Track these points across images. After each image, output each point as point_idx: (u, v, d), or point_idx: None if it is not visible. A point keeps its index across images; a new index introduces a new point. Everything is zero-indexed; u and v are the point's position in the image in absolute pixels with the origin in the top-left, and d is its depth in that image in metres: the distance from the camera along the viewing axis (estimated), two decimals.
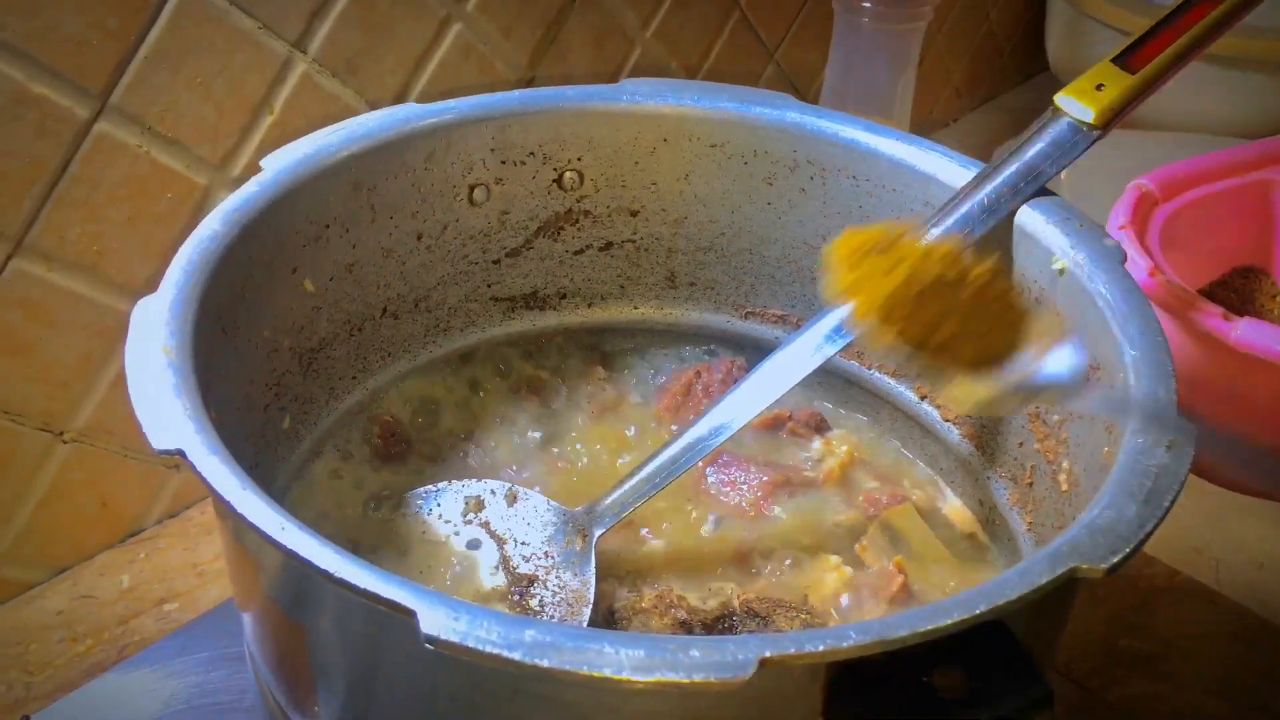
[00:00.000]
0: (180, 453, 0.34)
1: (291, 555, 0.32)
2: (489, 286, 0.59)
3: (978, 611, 0.31)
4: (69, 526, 0.65)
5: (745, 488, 0.54)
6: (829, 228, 0.57)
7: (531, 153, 0.56)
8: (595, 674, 0.29)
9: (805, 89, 0.98)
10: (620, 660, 0.29)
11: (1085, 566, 0.32)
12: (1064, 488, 0.46)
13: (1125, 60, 0.48)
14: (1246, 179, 0.78)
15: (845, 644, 0.29)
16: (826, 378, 0.60)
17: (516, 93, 0.55)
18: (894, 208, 0.54)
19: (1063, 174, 0.96)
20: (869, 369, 0.59)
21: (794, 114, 0.55)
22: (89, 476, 0.65)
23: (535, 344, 0.62)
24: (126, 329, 0.61)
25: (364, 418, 0.56)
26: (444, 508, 0.51)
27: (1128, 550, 0.33)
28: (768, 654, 0.29)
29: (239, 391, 0.46)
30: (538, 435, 0.58)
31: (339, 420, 0.55)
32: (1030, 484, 0.50)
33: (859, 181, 0.55)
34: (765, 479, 0.54)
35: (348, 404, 0.55)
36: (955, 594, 0.32)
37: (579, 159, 0.57)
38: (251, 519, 0.32)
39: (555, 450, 0.57)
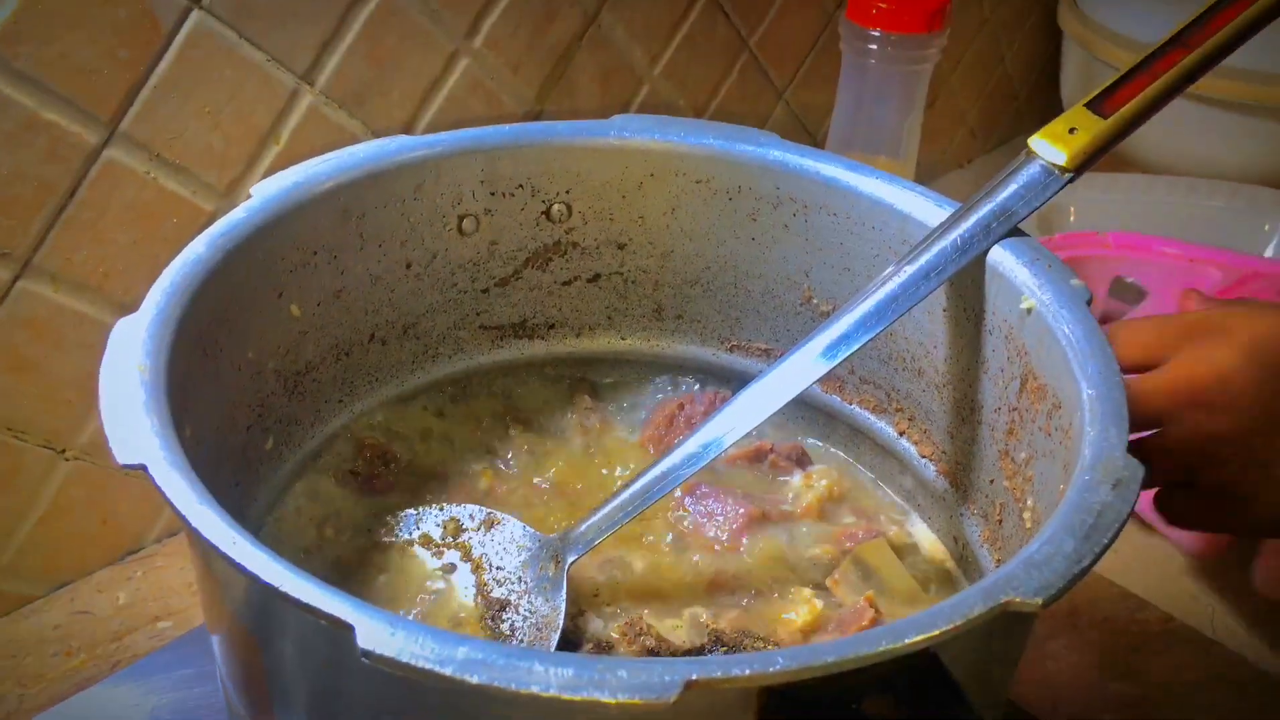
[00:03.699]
0: (143, 467, 0.35)
1: (240, 570, 0.33)
2: (477, 315, 0.60)
3: (907, 641, 0.31)
4: (69, 543, 0.67)
5: (722, 519, 0.55)
6: (811, 263, 0.58)
7: (520, 185, 0.57)
8: (523, 691, 0.30)
9: (814, 129, 1.00)
10: (548, 678, 0.30)
11: (1018, 600, 0.33)
12: (1028, 525, 0.46)
13: (1099, 104, 0.49)
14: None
15: (772, 669, 0.30)
16: (808, 411, 0.61)
17: (507, 126, 0.57)
18: (874, 244, 0.55)
19: (1071, 213, 0.98)
20: (850, 404, 0.60)
21: (777, 151, 0.56)
22: (89, 494, 0.67)
23: (523, 373, 0.63)
24: None
25: (349, 441, 0.57)
26: (423, 530, 0.52)
27: (1062, 585, 0.33)
28: (694, 677, 0.30)
29: (220, 411, 0.47)
30: (522, 463, 0.59)
31: (323, 443, 0.56)
32: (1000, 521, 0.50)
33: (839, 218, 0.56)
34: (743, 511, 0.55)
35: (333, 426, 0.57)
36: None
37: (568, 192, 0.58)
38: (205, 533, 0.33)
39: (538, 479, 0.58)
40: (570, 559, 0.50)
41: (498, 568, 0.50)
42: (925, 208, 0.53)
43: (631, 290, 0.62)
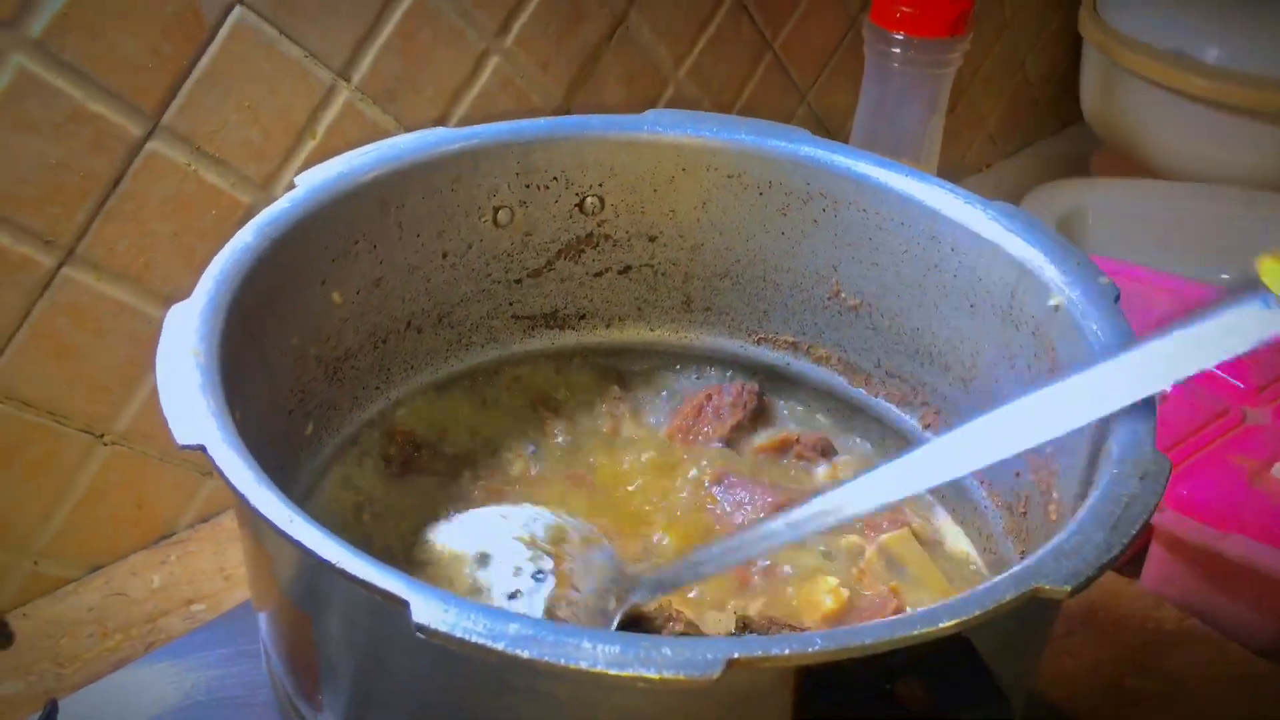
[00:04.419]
0: (201, 448, 0.37)
1: (298, 546, 0.34)
2: (510, 305, 0.62)
3: (940, 625, 0.32)
4: (105, 526, 0.68)
5: (750, 508, 0.56)
6: (839, 258, 0.59)
7: (555, 177, 0.58)
8: (571, 666, 0.31)
9: (836, 131, 1.00)
10: (596, 654, 0.31)
11: (1048, 587, 0.34)
12: (1053, 518, 0.47)
13: None
14: None
15: (811, 649, 0.31)
16: (833, 403, 0.62)
17: (543, 120, 0.58)
18: (902, 240, 0.56)
19: (1089, 217, 0.98)
20: (875, 396, 0.61)
21: (808, 148, 0.57)
22: (126, 479, 0.68)
23: (554, 362, 0.64)
24: None
25: (384, 427, 0.58)
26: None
27: (1090, 574, 0.34)
28: (736, 655, 0.31)
29: (264, 395, 0.49)
30: (553, 451, 0.60)
31: (360, 429, 0.57)
32: (1024, 513, 0.51)
33: (869, 214, 0.57)
34: (770, 500, 0.56)
35: (369, 413, 0.58)
36: None
37: (601, 185, 0.59)
38: (264, 511, 0.34)
39: (569, 468, 0.59)
40: (633, 600, 0.48)
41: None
42: (954, 204, 0.54)
43: (661, 282, 0.63)
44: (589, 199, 0.59)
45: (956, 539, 0.56)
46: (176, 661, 0.60)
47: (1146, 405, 0.41)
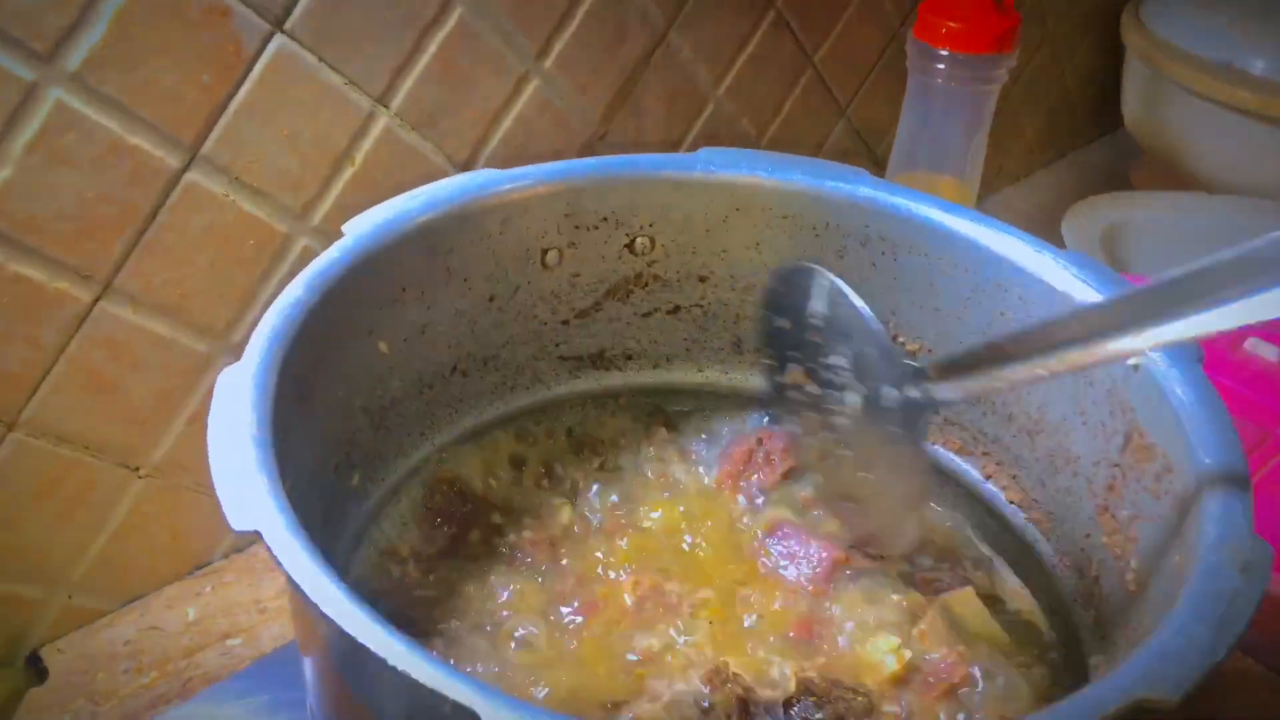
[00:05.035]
0: (258, 534, 0.35)
1: (364, 650, 0.32)
2: (557, 346, 0.60)
3: None
4: (140, 558, 0.67)
5: (805, 563, 0.54)
6: (898, 302, 0.57)
7: (605, 218, 0.57)
8: None
9: (875, 145, 0.99)
10: None
11: (1154, 698, 0.32)
12: (1131, 587, 0.46)
13: None
14: None
15: None
16: None
17: (591, 160, 0.56)
18: (966, 286, 0.54)
19: (1131, 232, 0.96)
20: (932, 443, 0.59)
21: (867, 189, 0.55)
22: (160, 510, 0.67)
23: (600, 403, 0.62)
24: (205, 368, 0.64)
25: (429, 475, 0.57)
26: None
27: (1197, 679, 0.33)
28: None
29: (312, 454, 0.47)
30: (601, 499, 0.59)
31: (405, 476, 0.56)
32: (1096, 578, 0.50)
33: (931, 259, 0.55)
34: (826, 555, 0.54)
35: (415, 459, 0.56)
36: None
37: (651, 225, 0.58)
38: (328, 611, 0.33)
39: (616, 517, 0.58)
40: None
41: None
42: (1023, 252, 0.52)
43: (711, 323, 0.61)
44: (639, 239, 0.58)
45: (1019, 599, 0.54)
46: (217, 707, 0.59)
47: (1241, 480, 0.40)
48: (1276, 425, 0.69)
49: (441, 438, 0.58)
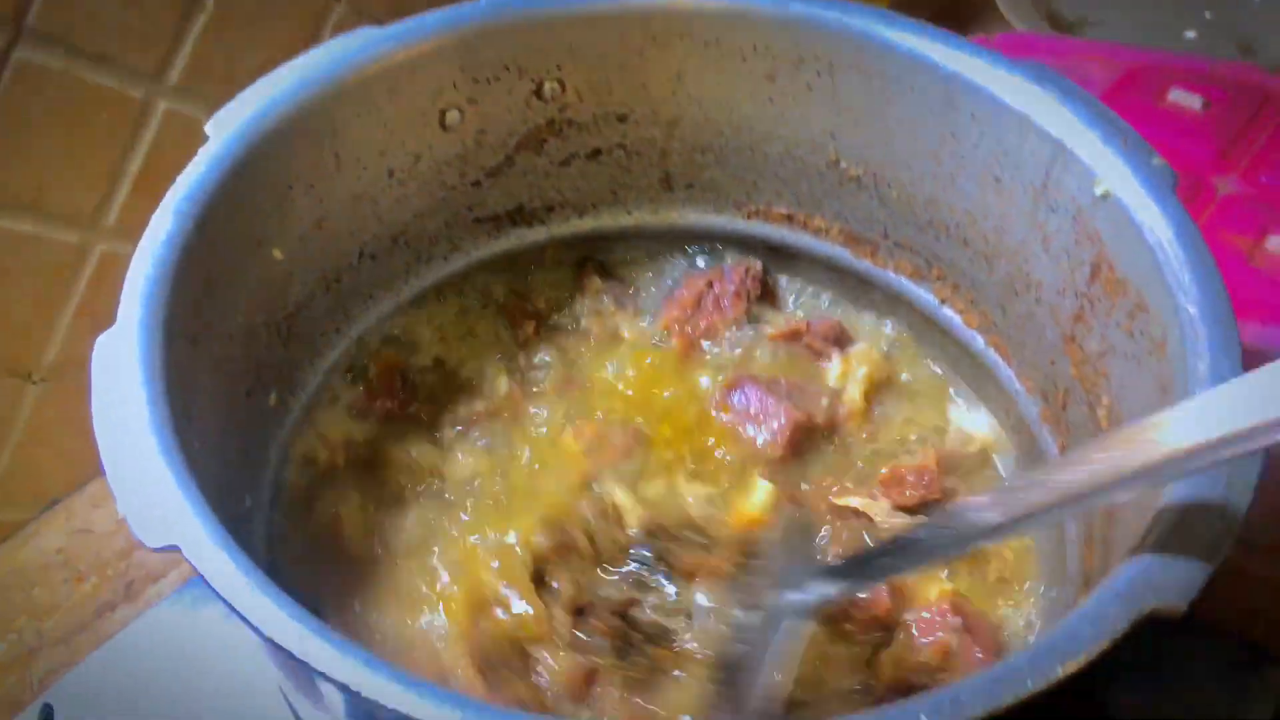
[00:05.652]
0: (175, 549, 0.31)
1: (305, 666, 0.29)
2: (470, 210, 0.55)
3: (1057, 676, 0.29)
4: (51, 463, 0.63)
5: (765, 426, 0.51)
6: (838, 125, 0.52)
7: (506, 67, 0.50)
8: None
9: None
10: None
11: (1164, 606, 0.30)
12: (1103, 424, 0.44)
13: None
14: None
15: None
16: (839, 278, 0.57)
17: (483, 3, 0.49)
18: (912, 106, 0.49)
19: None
20: (883, 268, 0.55)
21: (798, 5, 0.49)
22: (63, 413, 0.63)
23: (526, 261, 0.57)
24: (82, 259, 0.58)
25: (355, 369, 0.53)
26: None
27: (1204, 580, 0.31)
28: None
29: (220, 393, 0.43)
30: (538, 361, 0.55)
31: (325, 377, 0.52)
32: (1064, 406, 0.48)
33: (872, 78, 0.49)
34: (784, 422, 0.51)
35: (331, 358, 0.52)
36: None
37: (559, 67, 0.51)
38: (268, 632, 0.30)
39: (561, 375, 0.54)
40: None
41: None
42: (974, 66, 0.47)
43: (636, 163, 0.56)
44: (547, 84, 0.51)
45: (987, 431, 0.53)
46: (193, 610, 0.56)
47: (1226, 332, 0.37)
48: (1204, 173, 0.66)
49: (359, 328, 0.53)
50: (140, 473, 0.33)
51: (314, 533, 0.47)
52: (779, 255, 0.57)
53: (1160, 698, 0.46)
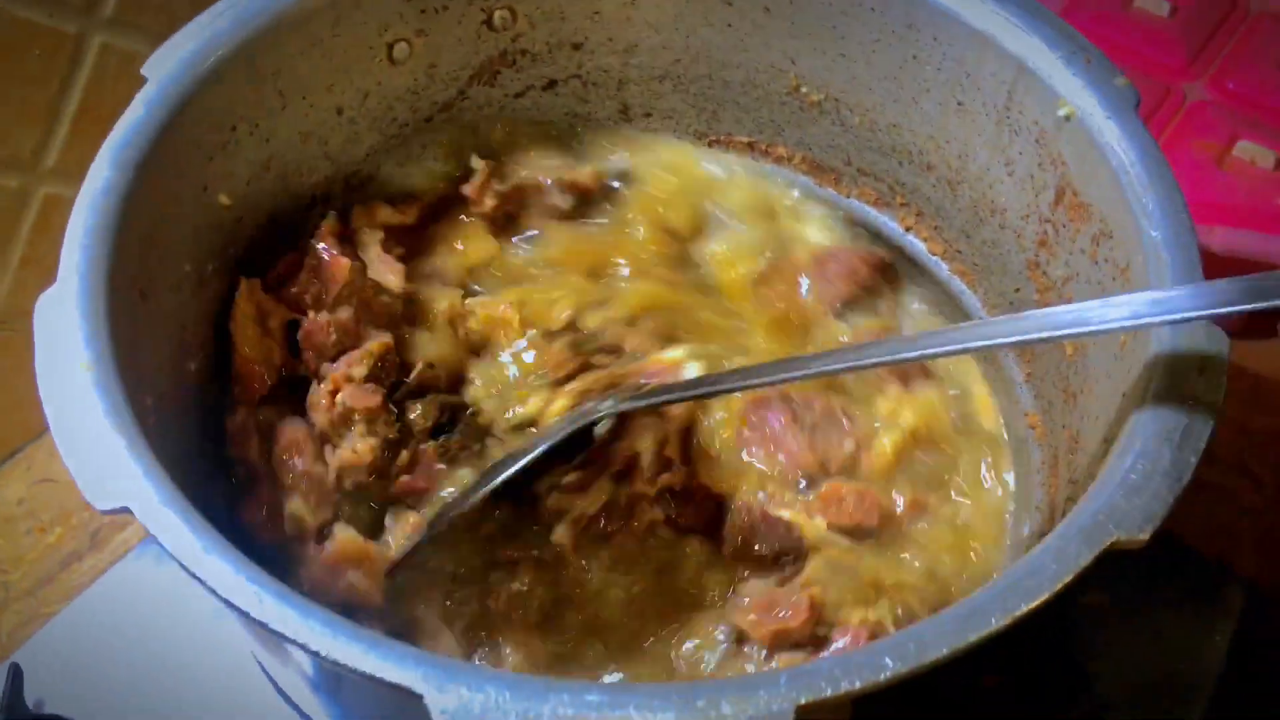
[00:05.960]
0: (127, 510, 0.31)
1: (265, 628, 0.29)
2: (424, 148, 0.53)
3: (1022, 613, 0.29)
4: (8, 412, 0.62)
5: (770, 456, 0.47)
6: (798, 49, 0.51)
7: None
8: None
9: None
10: None
11: (1125, 538, 0.30)
12: (1069, 354, 0.44)
13: None
14: None
15: (883, 676, 0.28)
16: None
17: None
18: (873, 29, 0.48)
19: None
20: (847, 196, 0.55)
21: None
22: (18, 361, 0.61)
23: None
24: (23, 204, 0.56)
25: None
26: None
27: (1165, 511, 0.31)
28: (802, 700, 0.28)
29: (172, 344, 0.42)
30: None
31: None
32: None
33: (831, 0, 0.48)
34: (787, 464, 0.47)
35: None
36: None
37: None
38: (224, 594, 0.29)
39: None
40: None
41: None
42: None
43: (593, 93, 0.54)
44: (498, 13, 0.50)
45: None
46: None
47: (1189, 258, 0.37)
48: (1173, 79, 0.65)
49: None
50: (88, 435, 0.32)
51: None
52: None
53: (1123, 627, 0.46)
